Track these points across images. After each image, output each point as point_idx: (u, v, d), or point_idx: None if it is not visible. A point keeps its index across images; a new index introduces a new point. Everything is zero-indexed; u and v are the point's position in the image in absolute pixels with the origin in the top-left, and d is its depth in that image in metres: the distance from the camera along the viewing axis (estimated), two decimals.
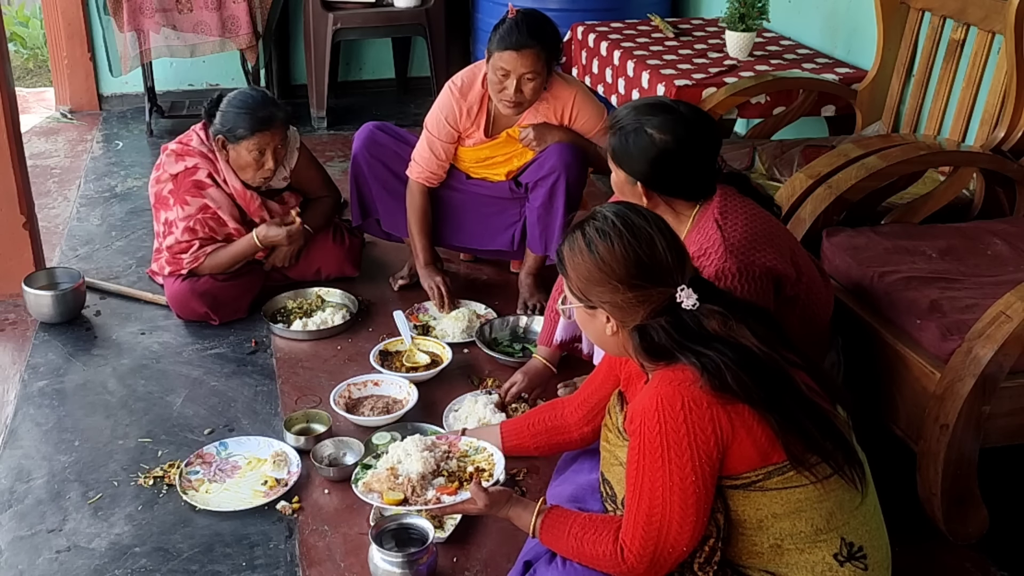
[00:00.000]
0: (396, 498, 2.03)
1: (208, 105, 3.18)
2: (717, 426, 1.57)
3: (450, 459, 2.13)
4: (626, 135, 2.17)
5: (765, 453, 1.59)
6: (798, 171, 2.84)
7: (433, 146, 3.14)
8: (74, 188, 4.30)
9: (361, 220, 3.40)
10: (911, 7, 3.28)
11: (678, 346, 1.63)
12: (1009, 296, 2.08)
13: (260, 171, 3.13)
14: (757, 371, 1.59)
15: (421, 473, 2.06)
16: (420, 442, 2.14)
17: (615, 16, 4.49)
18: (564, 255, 1.76)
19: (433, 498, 2.01)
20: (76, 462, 2.55)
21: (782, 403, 1.59)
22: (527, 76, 2.90)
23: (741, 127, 4.40)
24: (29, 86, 6.00)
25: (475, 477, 2.01)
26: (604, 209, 1.77)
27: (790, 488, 1.60)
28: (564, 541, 1.74)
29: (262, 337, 3.13)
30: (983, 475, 2.22)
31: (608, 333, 1.74)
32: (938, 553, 2.25)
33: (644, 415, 1.61)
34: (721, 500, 1.63)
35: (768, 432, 1.58)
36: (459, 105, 3.08)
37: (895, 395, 2.29)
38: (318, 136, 4.93)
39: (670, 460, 1.58)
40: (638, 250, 1.68)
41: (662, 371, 1.65)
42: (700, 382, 1.58)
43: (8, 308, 3.27)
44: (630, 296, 1.68)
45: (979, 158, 2.76)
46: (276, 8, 4.78)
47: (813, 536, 1.62)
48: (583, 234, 1.73)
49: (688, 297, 1.66)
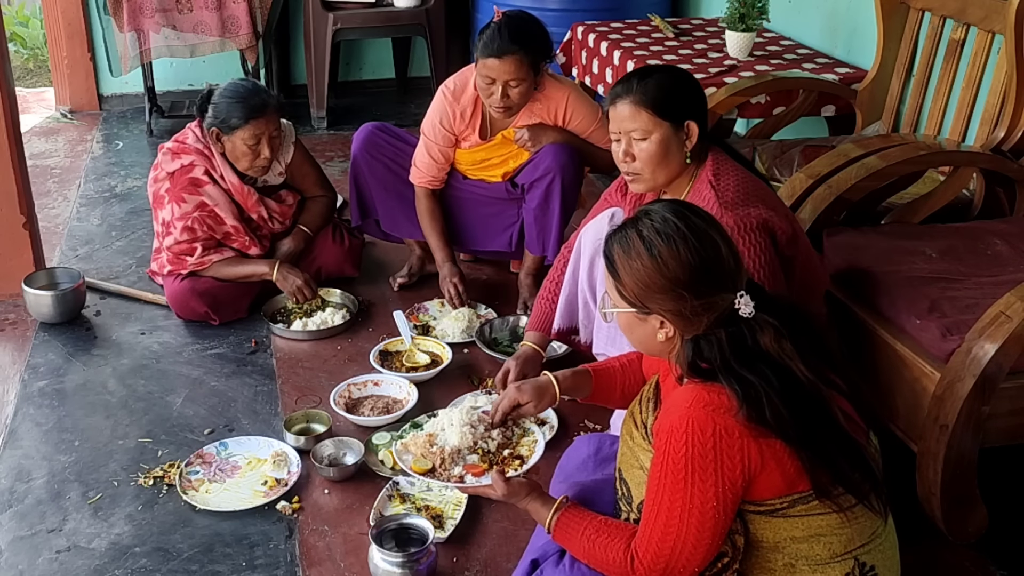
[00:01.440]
0: (425, 467, 2.02)
1: (199, 100, 3.18)
2: (746, 456, 1.52)
3: (491, 439, 2.08)
4: (662, 85, 2.19)
5: (792, 482, 1.55)
6: (798, 171, 2.84)
7: (431, 150, 3.15)
8: (74, 188, 4.30)
9: (360, 220, 3.41)
10: (911, 7, 3.28)
11: (724, 367, 1.55)
12: (1009, 296, 2.08)
13: (257, 160, 3.13)
14: (796, 403, 1.53)
15: (457, 447, 2.02)
16: (467, 415, 2.10)
17: (615, 16, 4.49)
18: (616, 258, 1.65)
19: (457, 476, 1.99)
20: (76, 462, 2.55)
21: (816, 438, 1.54)
22: (511, 83, 2.90)
23: (741, 127, 4.40)
24: (29, 86, 6.00)
25: (500, 464, 1.98)
26: (659, 209, 1.66)
27: (813, 516, 1.57)
28: (577, 541, 1.72)
29: (262, 337, 3.13)
30: (983, 475, 2.22)
31: (660, 339, 1.65)
32: (938, 553, 2.25)
33: (671, 434, 1.55)
34: (741, 523, 1.59)
35: (797, 464, 1.54)
36: (452, 108, 3.09)
37: (895, 395, 2.29)
38: (318, 136, 4.93)
39: (693, 484, 1.53)
40: (704, 254, 1.59)
41: (699, 387, 1.58)
42: (735, 411, 1.52)
43: (8, 308, 3.28)
44: (696, 304, 1.58)
45: (979, 158, 2.76)
46: (276, 8, 4.78)
47: (828, 559, 1.59)
48: (640, 236, 1.62)
49: (746, 304, 1.58)
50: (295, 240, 3.30)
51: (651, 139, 2.20)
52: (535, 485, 1.87)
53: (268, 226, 3.27)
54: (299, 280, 3.16)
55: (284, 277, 3.16)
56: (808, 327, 1.67)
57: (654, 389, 1.82)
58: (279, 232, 3.31)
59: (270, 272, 3.15)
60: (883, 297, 2.36)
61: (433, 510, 2.33)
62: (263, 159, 3.14)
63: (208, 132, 3.13)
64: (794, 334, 1.60)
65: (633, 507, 1.74)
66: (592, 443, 2.10)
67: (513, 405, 2.07)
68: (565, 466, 2.13)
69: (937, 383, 2.13)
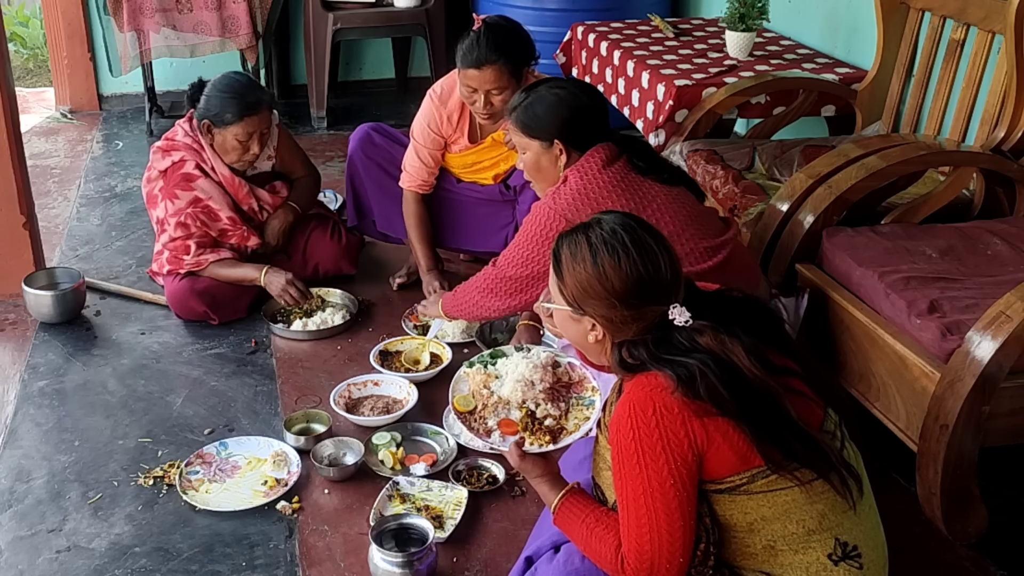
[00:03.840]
0: (467, 407, 2.02)
1: (191, 90, 3.18)
2: (690, 431, 1.56)
3: (545, 400, 2.04)
4: (528, 106, 2.41)
5: (745, 457, 1.58)
6: (798, 171, 2.85)
7: (421, 154, 3.16)
8: (74, 188, 4.30)
9: (357, 221, 3.42)
10: (911, 7, 3.28)
11: (654, 359, 1.61)
12: (1009, 296, 2.08)
13: (245, 155, 3.15)
14: (737, 385, 1.57)
15: (506, 399, 2.01)
16: (529, 371, 2.06)
17: (615, 16, 4.49)
18: (563, 258, 1.72)
19: (488, 429, 1.98)
20: (76, 462, 2.55)
21: (758, 414, 1.57)
22: (492, 91, 2.90)
23: (741, 127, 4.40)
24: (29, 86, 6.00)
25: (532, 428, 1.97)
26: (610, 219, 1.72)
27: (776, 491, 1.59)
28: (576, 528, 1.74)
29: (262, 337, 3.13)
30: (983, 475, 2.23)
31: (591, 340, 1.73)
32: (938, 553, 2.25)
33: (619, 422, 1.61)
34: (706, 504, 1.61)
35: (746, 439, 1.57)
36: (440, 113, 3.10)
37: (895, 395, 2.29)
38: (318, 136, 4.93)
39: (646, 466, 1.57)
40: (642, 270, 1.65)
41: (636, 378, 1.64)
42: (672, 389, 1.57)
43: (8, 308, 3.28)
44: (626, 314, 1.66)
45: (979, 158, 2.76)
46: (276, 8, 4.78)
47: (806, 537, 1.61)
48: (588, 242, 1.69)
49: (681, 315, 1.64)
50: (283, 214, 3.30)
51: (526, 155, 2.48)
52: (549, 466, 1.89)
53: (258, 218, 3.28)
54: (282, 280, 3.15)
55: (270, 282, 3.16)
56: (760, 313, 1.72)
57: (616, 393, 1.85)
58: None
59: (259, 278, 3.16)
60: (883, 297, 2.36)
61: (433, 510, 2.33)
62: (251, 154, 3.16)
63: (199, 123, 3.13)
64: (746, 324, 1.64)
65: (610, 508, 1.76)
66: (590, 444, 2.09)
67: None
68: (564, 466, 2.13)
69: (937, 383, 2.13)
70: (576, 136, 2.41)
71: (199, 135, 3.16)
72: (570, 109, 2.40)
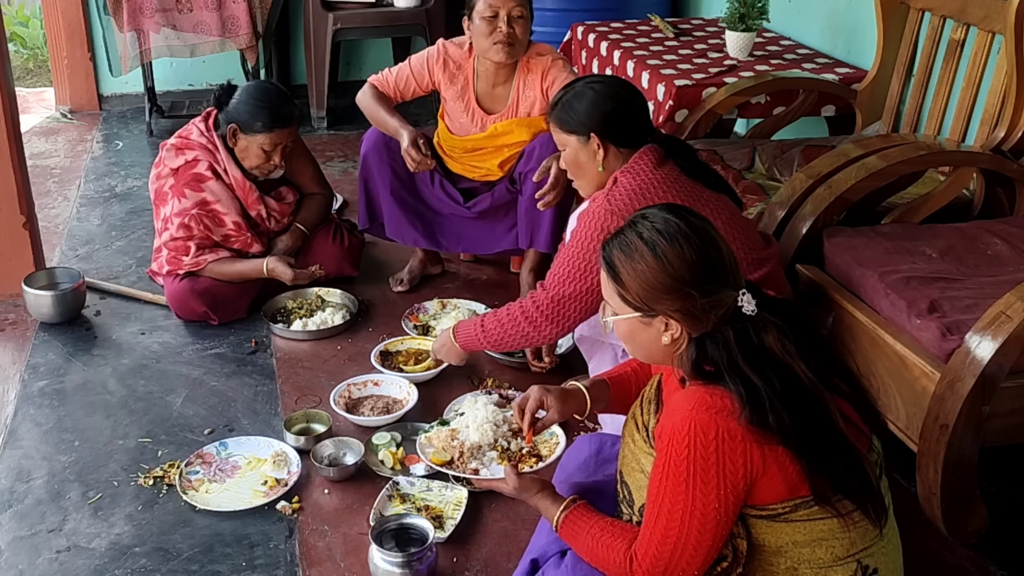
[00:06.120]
0: (443, 458, 2.06)
1: (219, 92, 3.18)
2: (748, 460, 1.52)
3: (512, 437, 2.09)
4: (567, 102, 2.38)
5: (794, 487, 1.55)
6: (798, 171, 2.85)
7: (402, 72, 3.20)
8: (74, 188, 4.30)
9: (369, 223, 3.37)
10: (911, 7, 3.28)
11: (731, 366, 1.55)
12: (1009, 296, 2.08)
13: (265, 164, 3.16)
14: (799, 408, 1.53)
15: (477, 443, 2.06)
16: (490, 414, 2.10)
17: (615, 16, 4.49)
18: (618, 262, 1.63)
19: (471, 469, 2.01)
20: (76, 462, 2.55)
21: (817, 445, 1.53)
22: (515, 14, 2.99)
23: (741, 127, 4.40)
24: (29, 86, 6.00)
25: (513, 459, 1.99)
26: (657, 211, 1.65)
27: (814, 520, 1.57)
28: (581, 540, 1.73)
29: (262, 337, 3.13)
30: (983, 475, 2.23)
31: (664, 342, 1.63)
32: (938, 553, 2.25)
33: (674, 436, 1.54)
34: (744, 527, 1.58)
35: (799, 469, 1.54)
36: (442, 55, 3.16)
37: (895, 395, 2.29)
38: (318, 136, 4.93)
39: (695, 487, 1.53)
40: (706, 252, 1.58)
41: (701, 389, 1.57)
42: (738, 414, 1.51)
43: (8, 308, 3.28)
44: (704, 302, 1.57)
45: (979, 158, 2.77)
46: (276, 8, 4.78)
47: (831, 562, 1.59)
48: (641, 238, 1.61)
49: (749, 302, 1.58)
50: (292, 237, 3.30)
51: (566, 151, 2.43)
52: (546, 483, 1.88)
53: (265, 224, 3.27)
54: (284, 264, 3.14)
55: (274, 267, 3.15)
56: (810, 328, 1.66)
57: (655, 390, 1.81)
58: (275, 232, 3.31)
59: (262, 269, 3.15)
60: (883, 297, 2.36)
61: (433, 510, 2.32)
62: (271, 164, 3.17)
63: (226, 125, 3.13)
64: (796, 335, 1.60)
65: (635, 510, 1.74)
66: (593, 443, 2.09)
67: (539, 405, 2.02)
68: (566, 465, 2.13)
69: (937, 383, 2.13)
70: (613, 131, 2.36)
71: (214, 135, 3.16)
72: (607, 103, 2.36)
